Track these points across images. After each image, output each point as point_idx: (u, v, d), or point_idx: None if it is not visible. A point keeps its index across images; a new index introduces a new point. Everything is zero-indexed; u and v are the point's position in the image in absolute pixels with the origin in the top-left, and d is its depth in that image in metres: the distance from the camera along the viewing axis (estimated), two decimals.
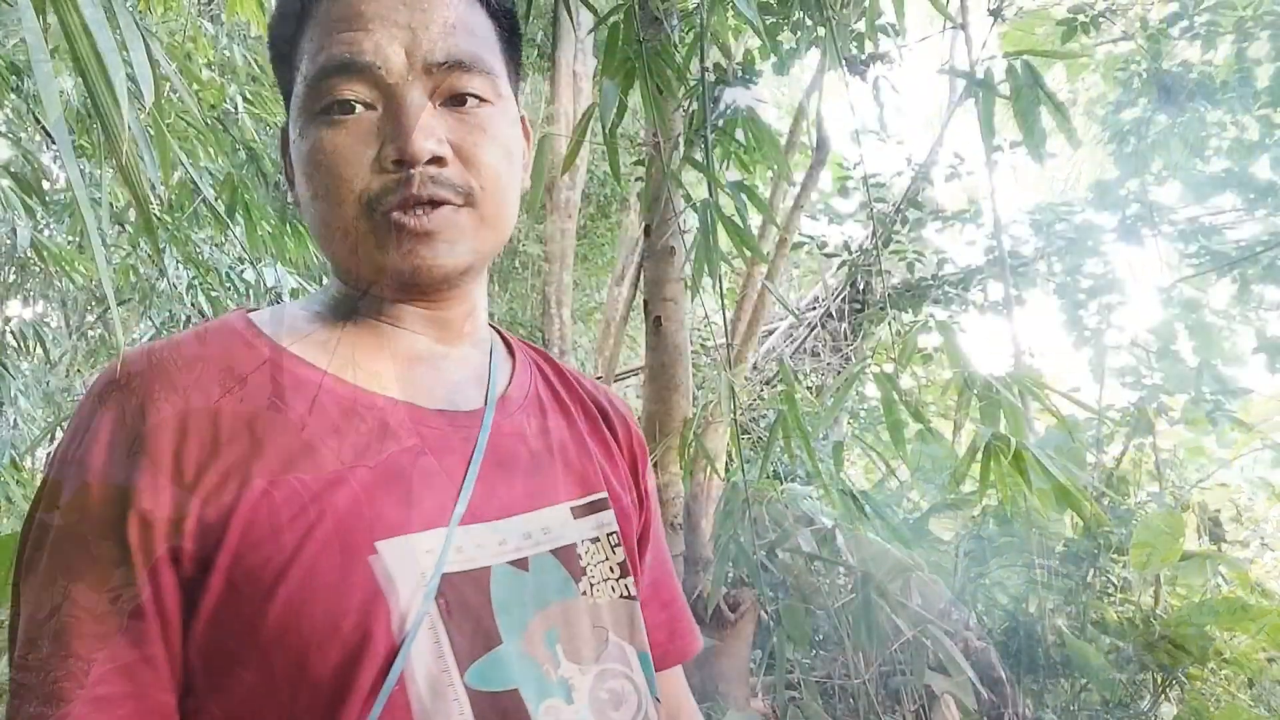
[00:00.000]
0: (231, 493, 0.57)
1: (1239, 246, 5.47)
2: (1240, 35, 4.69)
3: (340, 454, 0.61)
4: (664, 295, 3.06)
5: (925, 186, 6.06)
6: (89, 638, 0.55)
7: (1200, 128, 5.03)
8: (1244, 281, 5.52)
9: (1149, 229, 5.47)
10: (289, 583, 0.56)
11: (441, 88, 0.65)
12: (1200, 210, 6.01)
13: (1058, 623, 4.25)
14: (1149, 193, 5.55)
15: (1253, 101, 4.76)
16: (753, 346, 4.24)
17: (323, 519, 0.58)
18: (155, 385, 0.60)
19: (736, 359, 3.88)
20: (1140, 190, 5.50)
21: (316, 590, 0.56)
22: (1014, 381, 2.28)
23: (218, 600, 0.56)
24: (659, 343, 3.07)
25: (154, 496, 0.56)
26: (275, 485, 0.58)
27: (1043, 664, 4.13)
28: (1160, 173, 5.66)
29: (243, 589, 0.56)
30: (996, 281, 5.65)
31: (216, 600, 0.56)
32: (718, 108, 2.52)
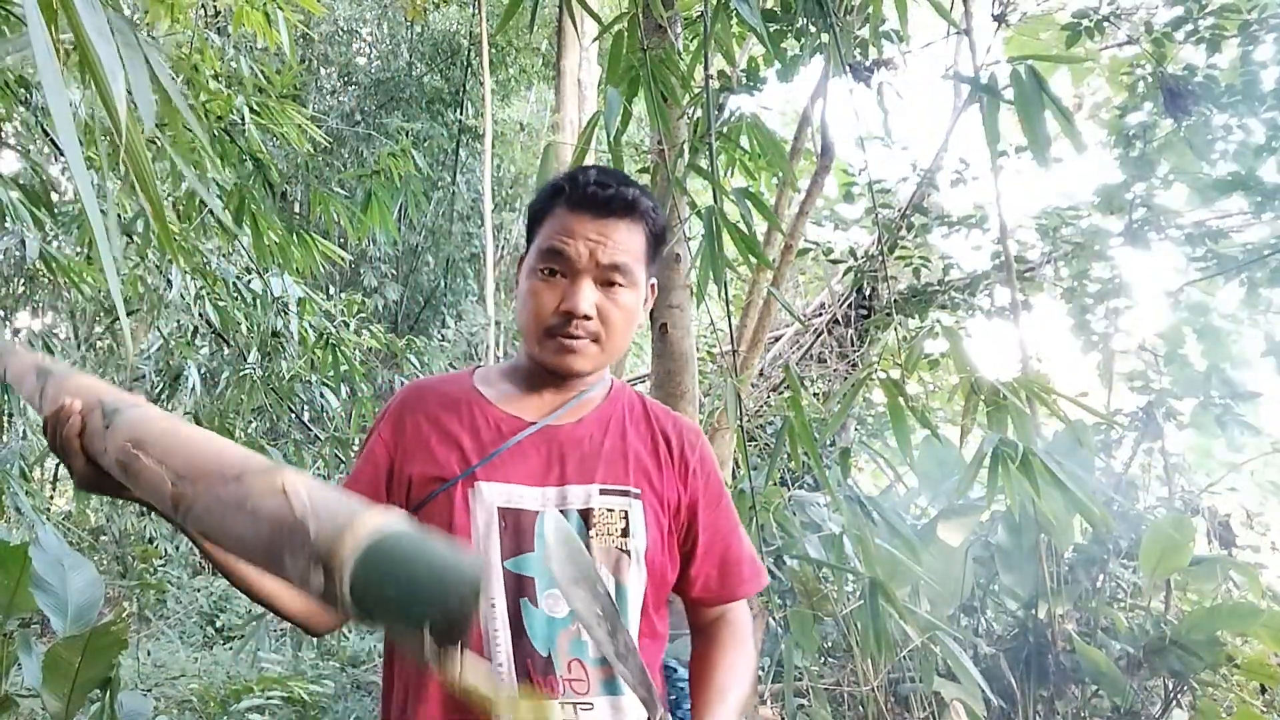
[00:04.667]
0: (412, 439, 1.16)
1: (1246, 250, 5.45)
2: (1245, 39, 4.68)
3: (474, 442, 1.14)
4: (670, 302, 3.05)
5: (931, 192, 6.06)
6: (357, 478, 1.16)
7: (1206, 131, 5.01)
8: (1252, 285, 5.50)
9: (1156, 233, 5.46)
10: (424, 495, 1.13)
11: (602, 277, 1.13)
12: (1207, 214, 6.00)
13: (1067, 628, 4.23)
14: (1154, 196, 5.53)
15: (1259, 105, 4.75)
16: (759, 353, 4.23)
17: (449, 467, 1.12)
18: (405, 392, 1.24)
19: (742, 366, 3.87)
20: (1147, 194, 5.49)
21: (437, 502, 1.11)
22: (1021, 386, 2.27)
23: (400, 488, 1.14)
24: (665, 350, 3.06)
25: (379, 431, 1.19)
26: (435, 442, 1.15)
27: (1053, 670, 4.11)
28: (1167, 177, 5.64)
29: (410, 488, 1.13)
30: (1003, 286, 5.64)
31: (399, 488, 1.14)
32: (722, 115, 2.53)
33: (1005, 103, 1.95)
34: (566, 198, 1.16)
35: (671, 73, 2.18)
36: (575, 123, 8.36)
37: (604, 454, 1.16)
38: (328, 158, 8.00)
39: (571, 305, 1.11)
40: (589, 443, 1.17)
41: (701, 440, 1.26)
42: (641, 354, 11.01)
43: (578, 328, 1.12)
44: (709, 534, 1.21)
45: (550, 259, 1.14)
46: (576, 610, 0.96)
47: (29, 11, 0.71)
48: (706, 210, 2.07)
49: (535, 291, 1.14)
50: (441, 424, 1.16)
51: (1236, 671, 4.16)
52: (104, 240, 0.75)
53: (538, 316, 1.14)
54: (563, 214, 1.15)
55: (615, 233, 1.13)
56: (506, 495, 1.10)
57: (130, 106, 0.76)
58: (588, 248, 1.12)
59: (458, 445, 1.14)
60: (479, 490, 1.10)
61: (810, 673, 4.11)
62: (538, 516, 1.10)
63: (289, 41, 3.63)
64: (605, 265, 1.12)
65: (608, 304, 1.14)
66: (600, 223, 1.14)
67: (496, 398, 1.20)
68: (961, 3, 3.97)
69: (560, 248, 1.13)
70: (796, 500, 3.28)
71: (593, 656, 1.07)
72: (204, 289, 3.72)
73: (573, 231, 1.13)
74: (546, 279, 1.14)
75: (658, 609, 1.17)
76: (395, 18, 9.11)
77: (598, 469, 1.14)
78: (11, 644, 2.94)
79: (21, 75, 2.98)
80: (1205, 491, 5.69)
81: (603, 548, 1.10)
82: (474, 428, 1.15)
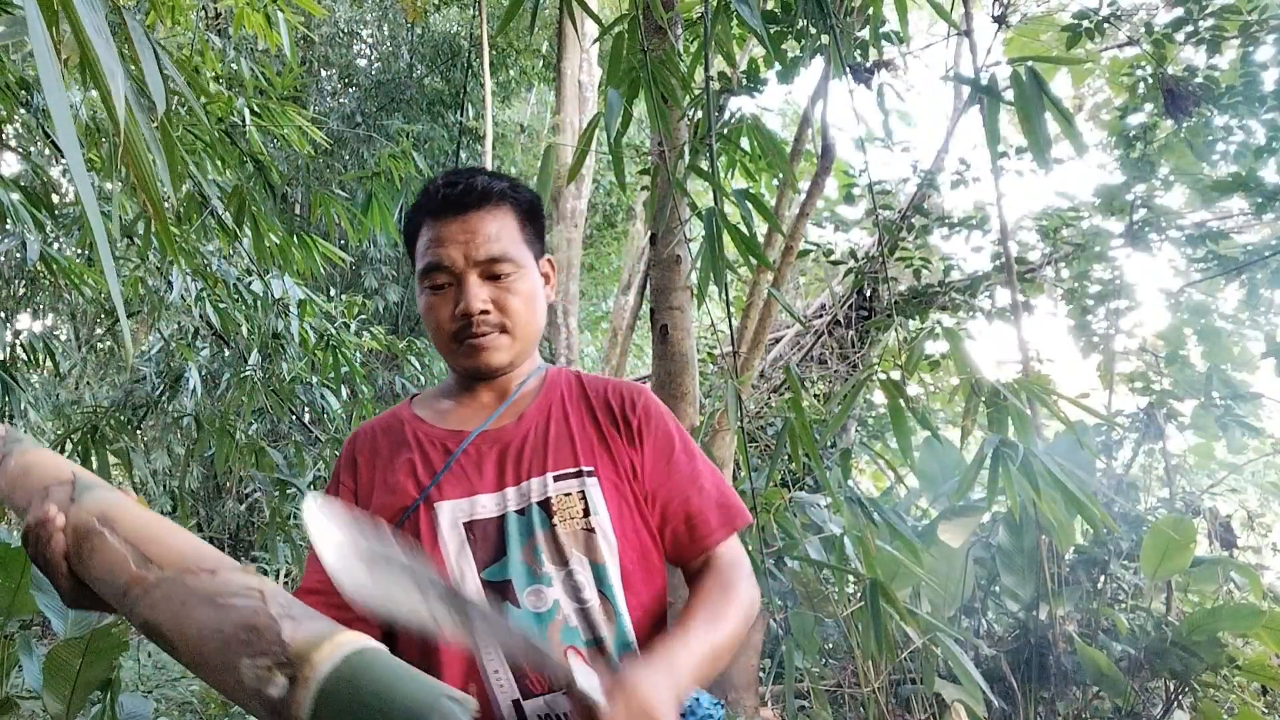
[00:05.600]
0: (366, 479, 1.19)
1: (1247, 251, 5.45)
2: (1246, 40, 4.68)
3: (424, 466, 1.16)
4: (670, 304, 3.06)
5: (931, 193, 6.06)
6: (316, 568, 1.13)
7: (1207, 132, 5.00)
8: (1253, 286, 5.50)
9: (1156, 234, 5.45)
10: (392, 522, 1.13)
11: (485, 271, 1.16)
12: (1208, 215, 6.00)
13: (1068, 630, 4.23)
14: (1155, 197, 5.52)
15: (1259, 106, 4.74)
16: (759, 354, 4.23)
17: (408, 495, 1.13)
18: (351, 439, 1.26)
19: (743, 367, 3.87)
20: (1147, 195, 5.48)
21: (403, 531, 1.11)
22: (1022, 388, 2.27)
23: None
24: (666, 351, 3.07)
25: (338, 481, 1.21)
26: (389, 475, 1.17)
27: (1053, 671, 4.10)
28: (1168, 178, 5.64)
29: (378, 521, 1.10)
30: (1004, 288, 5.64)
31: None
32: (722, 116, 2.53)
33: (1006, 104, 1.95)
34: (426, 210, 1.20)
35: (672, 74, 2.18)
36: (575, 124, 8.37)
37: (551, 442, 1.17)
38: (328, 159, 8.00)
39: (465, 306, 1.15)
40: (535, 435, 1.18)
41: (643, 397, 1.25)
42: (642, 355, 11.02)
43: (479, 325, 1.16)
44: (665, 492, 1.20)
45: (432, 273, 1.17)
46: (395, 602, 0.77)
47: (29, 12, 0.71)
48: (707, 211, 2.07)
49: (430, 307, 1.18)
50: (391, 457, 1.19)
51: (1238, 673, 4.15)
52: (104, 242, 0.75)
53: (441, 328, 1.18)
54: (428, 227, 1.19)
55: (481, 225, 1.16)
56: (468, 509, 1.11)
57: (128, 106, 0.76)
58: (459, 249, 1.15)
59: (411, 473, 1.16)
60: (439, 511, 1.11)
61: (811, 674, 4.11)
62: (502, 520, 1.10)
63: (289, 43, 3.63)
64: (483, 260, 1.15)
65: (501, 294, 1.17)
66: (463, 220, 1.17)
67: (436, 418, 1.23)
68: (962, 4, 3.97)
69: (435, 260, 1.16)
70: (797, 502, 3.28)
71: (584, 639, 1.07)
72: (205, 290, 3.72)
73: (441, 239, 1.16)
74: (436, 293, 1.17)
75: (648, 578, 1.16)
76: (396, 19, 9.12)
77: (548, 458, 1.15)
78: (12, 646, 2.94)
79: (22, 77, 2.98)
80: (1206, 493, 5.69)
81: (568, 532, 1.10)
82: (422, 452, 1.17)
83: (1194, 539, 4.17)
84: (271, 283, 3.67)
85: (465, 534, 1.10)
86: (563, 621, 1.07)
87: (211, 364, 5.06)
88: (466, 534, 1.10)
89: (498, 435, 1.18)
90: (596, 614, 1.08)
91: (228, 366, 4.72)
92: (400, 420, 1.24)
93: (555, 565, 1.08)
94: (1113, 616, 4.24)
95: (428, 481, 1.13)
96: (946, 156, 6.05)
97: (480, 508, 1.11)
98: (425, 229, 1.20)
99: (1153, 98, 5.05)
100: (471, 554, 1.09)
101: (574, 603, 1.08)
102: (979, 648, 4.18)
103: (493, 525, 1.10)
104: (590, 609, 1.08)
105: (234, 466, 4.10)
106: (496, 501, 1.12)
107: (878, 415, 7.18)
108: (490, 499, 1.12)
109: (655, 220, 2.90)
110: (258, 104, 3.65)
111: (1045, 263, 6.10)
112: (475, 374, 1.21)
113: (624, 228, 10.39)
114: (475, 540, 1.09)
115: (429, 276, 1.17)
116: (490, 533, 1.10)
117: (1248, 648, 4.52)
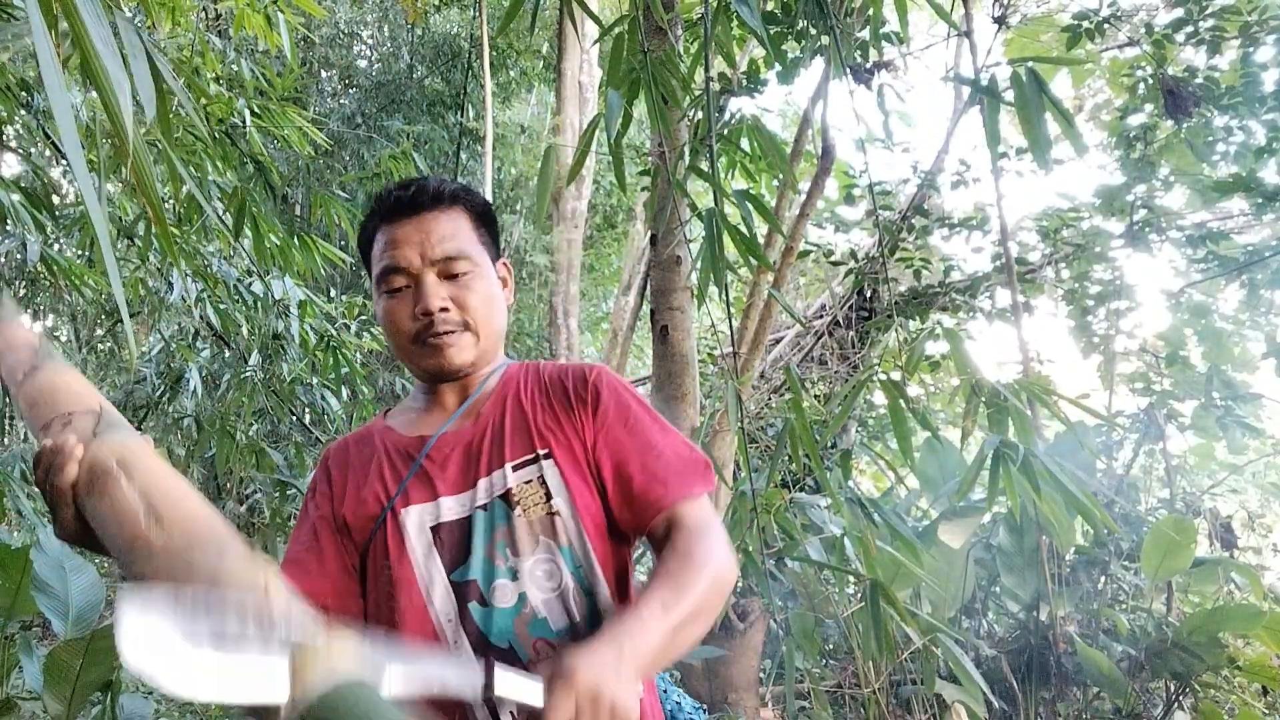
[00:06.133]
0: (340, 487, 1.19)
1: (1247, 251, 5.45)
2: (1246, 40, 4.68)
3: (391, 474, 1.16)
4: (670, 304, 3.06)
5: (931, 193, 6.06)
6: (297, 542, 1.17)
7: (1207, 133, 5.01)
8: (1253, 286, 5.50)
9: (1157, 234, 5.45)
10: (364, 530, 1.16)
11: (442, 271, 1.16)
12: (1208, 215, 6.00)
13: (1069, 630, 4.23)
14: (1155, 198, 5.53)
15: (1259, 106, 4.75)
16: (760, 355, 4.24)
17: (376, 504, 1.14)
18: (327, 452, 1.28)
19: (743, 368, 3.88)
20: (1148, 196, 5.48)
21: (375, 540, 1.13)
22: (1022, 388, 2.27)
23: (341, 532, 1.16)
24: (666, 352, 3.07)
25: (314, 488, 1.22)
26: (360, 487, 1.17)
27: (1054, 672, 4.10)
28: (1168, 178, 5.64)
29: (351, 532, 1.15)
30: (1004, 288, 5.64)
31: (340, 532, 1.16)
32: (723, 117, 2.53)
33: (1006, 104, 1.95)
34: (379, 215, 1.21)
35: (672, 75, 2.18)
36: (576, 125, 8.38)
37: (508, 433, 1.16)
38: (328, 160, 8.00)
39: (424, 305, 1.14)
40: (492, 428, 1.17)
41: (595, 372, 1.22)
42: (642, 355, 11.02)
43: (441, 323, 1.15)
44: (618, 455, 1.15)
45: (389, 277, 1.17)
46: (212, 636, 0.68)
47: (30, 13, 0.71)
48: (707, 212, 2.07)
49: (389, 311, 1.18)
50: (361, 468, 1.19)
51: (1238, 673, 4.15)
52: (106, 243, 0.75)
53: (400, 331, 1.17)
54: (382, 232, 1.19)
55: (435, 225, 1.17)
56: (435, 512, 1.11)
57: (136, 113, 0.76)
58: (415, 250, 1.15)
59: (380, 482, 1.16)
60: (405, 518, 1.11)
61: (811, 674, 4.11)
62: (469, 520, 1.10)
63: (290, 44, 3.63)
64: (439, 259, 1.15)
65: (460, 291, 1.16)
66: (416, 221, 1.17)
67: (405, 426, 1.22)
68: (962, 4, 3.98)
69: (391, 262, 1.16)
70: (797, 502, 3.28)
71: (555, 629, 1.06)
72: (205, 291, 3.72)
73: (396, 242, 1.16)
74: (394, 296, 1.17)
75: (620, 553, 1.15)
76: (396, 20, 9.12)
77: (505, 449, 1.14)
78: (13, 647, 2.94)
79: (23, 78, 2.98)
80: (1206, 493, 5.69)
81: (527, 521, 1.09)
82: (390, 461, 1.17)
83: (1194, 539, 4.18)
84: (272, 284, 3.67)
85: (432, 538, 1.10)
86: (530, 614, 1.06)
87: (212, 365, 5.06)
88: (434, 538, 1.10)
89: (459, 436, 1.17)
90: (571, 599, 1.07)
91: (228, 367, 4.72)
92: (372, 432, 1.24)
93: (520, 556, 1.08)
94: (1113, 617, 4.24)
95: (395, 490, 1.14)
96: (947, 157, 6.06)
97: (446, 510, 1.11)
98: (380, 234, 1.20)
99: (1153, 98, 5.05)
100: (439, 557, 1.09)
101: (544, 592, 1.07)
102: (979, 648, 4.18)
103: (459, 526, 1.10)
104: (566, 593, 1.07)
105: (234, 467, 4.11)
106: (462, 502, 1.12)
107: (878, 416, 7.18)
108: (455, 500, 1.12)
109: (655, 221, 2.90)
110: (258, 105, 3.66)
111: (1045, 263, 6.10)
112: (438, 375, 1.19)
113: (624, 228, 10.40)
114: (442, 543, 1.09)
115: (386, 280, 1.17)
116: (456, 534, 1.10)
117: (1248, 648, 4.52)
